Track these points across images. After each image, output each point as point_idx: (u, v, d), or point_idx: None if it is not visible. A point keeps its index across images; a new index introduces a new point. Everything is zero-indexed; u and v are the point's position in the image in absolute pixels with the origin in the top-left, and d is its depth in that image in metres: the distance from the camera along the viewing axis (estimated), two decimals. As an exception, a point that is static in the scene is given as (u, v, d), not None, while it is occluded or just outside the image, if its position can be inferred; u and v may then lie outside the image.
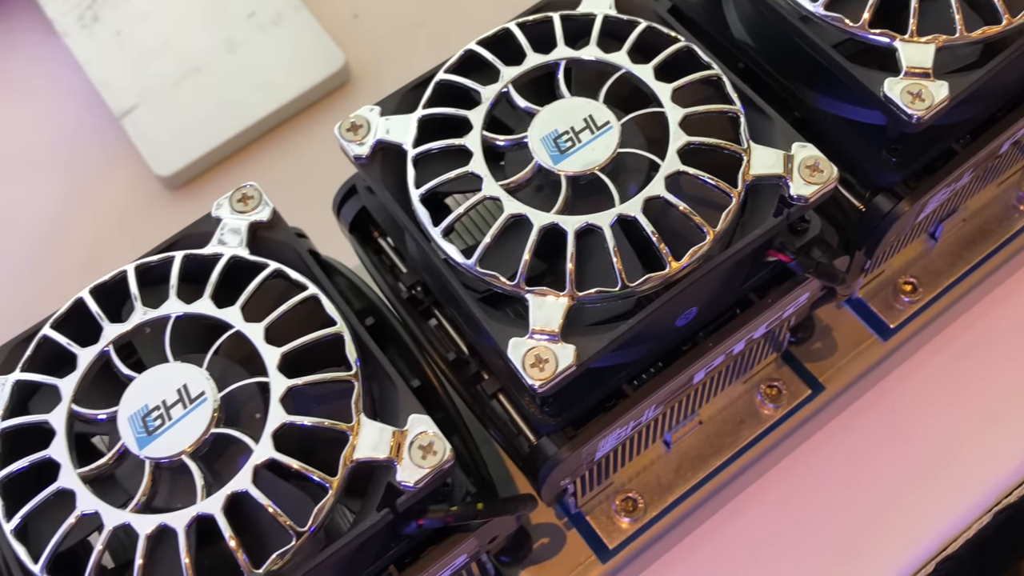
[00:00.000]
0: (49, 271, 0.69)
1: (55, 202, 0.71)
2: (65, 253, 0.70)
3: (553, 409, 0.43)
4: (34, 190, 0.72)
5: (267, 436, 0.38)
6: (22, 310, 0.60)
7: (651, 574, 0.54)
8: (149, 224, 0.70)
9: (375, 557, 0.41)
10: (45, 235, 0.70)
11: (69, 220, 0.71)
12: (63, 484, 0.38)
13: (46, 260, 0.69)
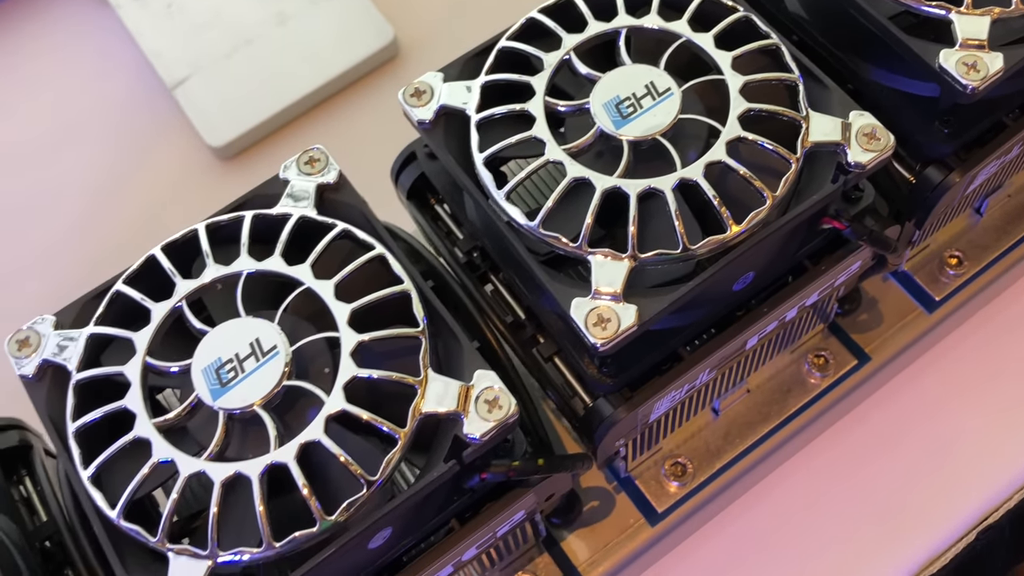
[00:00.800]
0: (101, 240, 0.70)
1: (108, 172, 0.72)
2: (118, 222, 0.71)
3: (611, 370, 0.44)
4: (87, 160, 0.73)
5: (338, 388, 0.40)
6: (76, 279, 0.62)
7: (699, 538, 0.55)
8: (201, 194, 0.71)
9: (438, 510, 0.43)
10: (98, 204, 0.71)
11: (121, 190, 0.72)
12: (139, 433, 0.39)
13: (99, 229, 0.70)
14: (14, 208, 0.71)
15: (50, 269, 0.68)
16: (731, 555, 0.54)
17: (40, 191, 0.72)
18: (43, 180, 0.72)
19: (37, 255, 0.69)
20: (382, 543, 0.41)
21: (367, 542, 0.40)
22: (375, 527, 0.39)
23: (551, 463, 0.43)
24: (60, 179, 0.72)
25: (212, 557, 0.38)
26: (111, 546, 0.39)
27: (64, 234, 0.70)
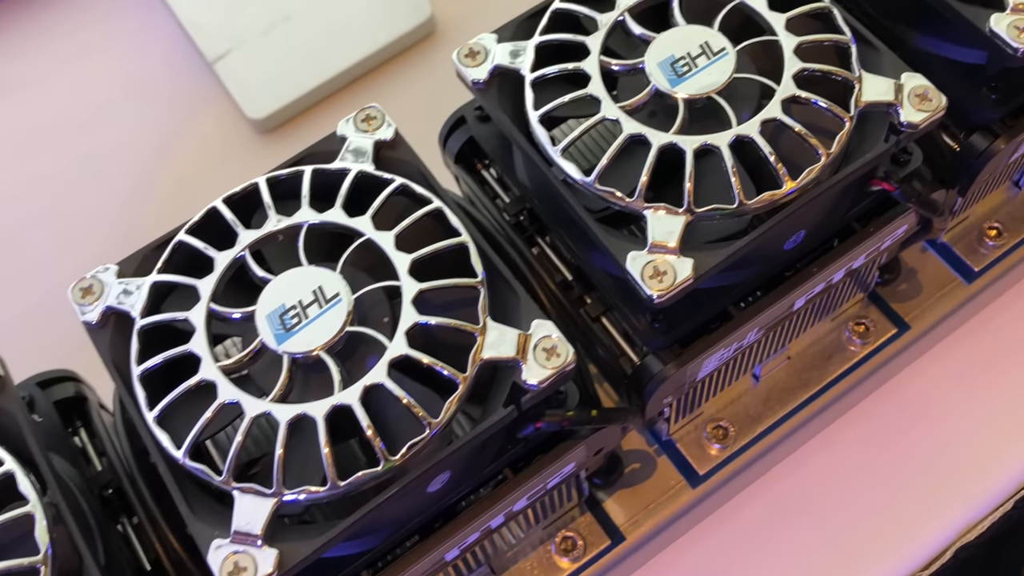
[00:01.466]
0: (141, 212, 0.71)
1: (147, 145, 0.73)
2: (157, 195, 0.72)
3: (663, 326, 0.45)
4: (126, 133, 0.74)
5: (400, 334, 0.40)
6: (116, 248, 0.63)
7: (739, 502, 0.55)
8: (240, 167, 0.72)
9: (493, 458, 0.43)
10: (137, 177, 0.72)
11: (161, 163, 0.73)
12: (205, 376, 0.40)
13: (138, 202, 0.71)
14: (54, 180, 0.72)
15: (89, 242, 0.69)
16: (771, 519, 0.55)
17: (79, 164, 0.72)
18: (82, 153, 0.73)
19: (76, 228, 0.69)
20: (439, 487, 0.42)
21: (426, 485, 0.41)
22: (436, 469, 0.40)
23: (604, 414, 0.44)
24: (99, 152, 0.73)
25: (277, 495, 0.38)
26: (176, 486, 0.40)
27: (103, 207, 0.71)
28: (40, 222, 0.69)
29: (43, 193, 0.70)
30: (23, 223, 0.69)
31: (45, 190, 0.71)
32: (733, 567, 0.54)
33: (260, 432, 0.44)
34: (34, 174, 0.71)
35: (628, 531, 0.53)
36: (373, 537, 0.42)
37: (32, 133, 0.74)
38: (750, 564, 0.54)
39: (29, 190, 0.71)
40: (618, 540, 0.53)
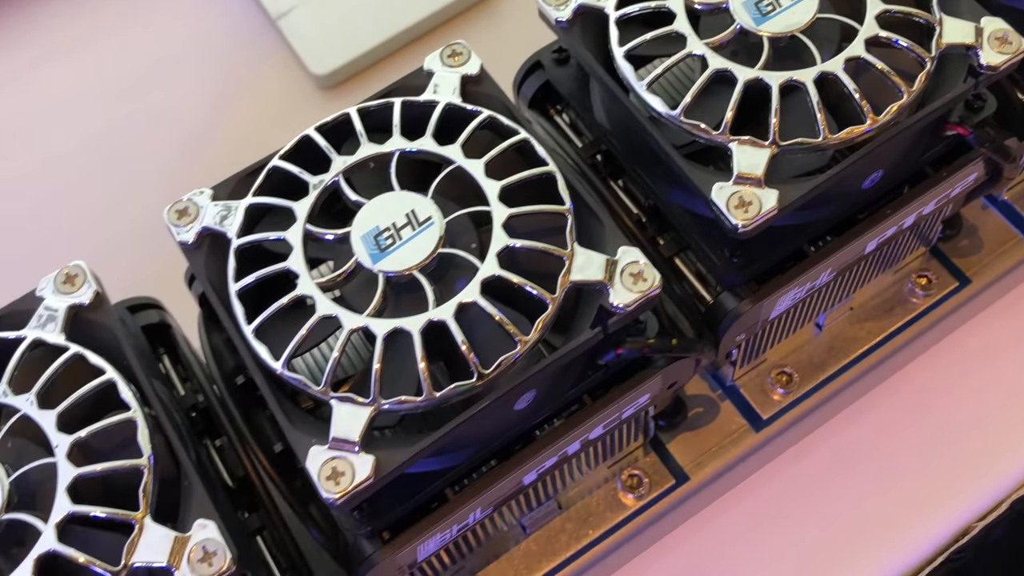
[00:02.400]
0: (204, 167, 0.72)
1: (210, 101, 0.74)
2: (220, 150, 0.73)
3: (741, 261, 0.46)
4: (189, 90, 0.75)
5: (492, 256, 0.41)
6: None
7: (801, 448, 0.56)
8: (304, 121, 0.73)
9: (574, 383, 0.44)
10: (200, 133, 0.73)
11: (224, 118, 0.74)
12: (303, 291, 0.41)
13: (201, 157, 0.72)
14: (118, 135, 0.73)
15: (151, 196, 0.70)
16: (833, 465, 0.56)
17: (143, 120, 0.73)
18: (146, 110, 0.74)
19: (145, 177, 0.70)
20: (525, 407, 0.43)
21: (514, 402, 0.42)
22: (524, 386, 0.41)
23: (683, 344, 0.45)
24: (163, 108, 0.74)
25: (374, 404, 0.39)
26: (273, 397, 0.41)
27: (167, 162, 0.72)
28: (108, 169, 0.70)
29: (110, 141, 0.72)
30: (93, 168, 0.71)
31: (113, 137, 0.72)
32: (796, 511, 0.55)
33: (354, 348, 0.45)
34: (99, 126, 0.73)
35: (692, 472, 0.54)
36: (457, 454, 0.43)
37: (99, 87, 0.75)
38: (813, 508, 0.55)
39: (98, 138, 0.72)
40: (682, 480, 0.54)
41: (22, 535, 0.39)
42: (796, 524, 0.55)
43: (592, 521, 0.53)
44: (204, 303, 0.50)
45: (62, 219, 0.68)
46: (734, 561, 0.54)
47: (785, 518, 0.55)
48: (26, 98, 0.74)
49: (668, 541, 0.55)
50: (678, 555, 0.55)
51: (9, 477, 0.39)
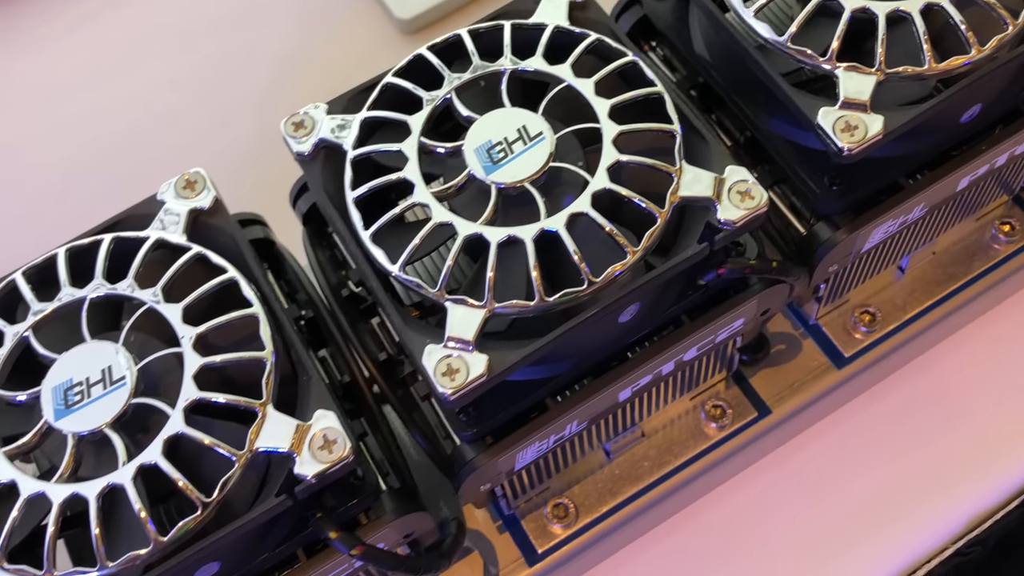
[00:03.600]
0: (285, 111, 0.73)
1: (292, 45, 0.76)
2: (301, 94, 0.74)
3: (841, 188, 0.47)
4: (271, 34, 0.76)
5: (602, 170, 0.43)
6: (259, 147, 0.65)
7: (882, 389, 0.57)
8: (385, 64, 0.74)
9: (675, 300, 0.45)
10: (283, 77, 0.74)
11: (306, 63, 0.75)
12: (419, 199, 0.43)
13: (282, 100, 0.73)
14: (213, 68, 0.74)
15: (232, 138, 0.72)
16: (911, 407, 0.57)
17: (225, 63, 0.75)
18: (228, 52, 0.75)
19: (228, 118, 0.72)
20: (628, 319, 0.44)
21: (619, 313, 0.43)
22: (629, 298, 0.42)
23: (783, 266, 0.46)
24: (245, 52, 0.75)
25: (488, 306, 0.41)
26: (389, 299, 0.42)
27: (249, 104, 0.73)
28: (205, 100, 0.72)
29: (206, 74, 0.73)
30: (192, 97, 0.72)
31: (209, 70, 0.73)
32: (877, 449, 0.56)
33: (457, 267, 0.46)
34: (197, 58, 0.74)
35: (774, 405, 0.55)
36: (560, 364, 0.44)
37: (199, 20, 0.76)
38: (893, 446, 0.56)
39: (195, 70, 0.73)
40: (764, 413, 0.55)
41: (146, 421, 0.40)
42: (875, 462, 0.56)
43: (675, 450, 0.54)
44: (308, 221, 0.51)
45: (158, 147, 0.70)
46: (815, 495, 0.55)
47: (864, 455, 0.56)
48: (135, 27, 0.75)
49: (748, 474, 0.56)
50: (758, 487, 0.56)
51: (136, 365, 0.40)
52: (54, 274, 0.43)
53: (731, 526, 0.55)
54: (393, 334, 0.48)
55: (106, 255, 0.43)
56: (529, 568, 0.52)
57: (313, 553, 0.43)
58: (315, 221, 0.51)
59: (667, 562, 0.55)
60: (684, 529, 0.55)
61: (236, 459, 0.39)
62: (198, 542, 0.38)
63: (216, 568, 0.40)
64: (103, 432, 0.39)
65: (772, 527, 0.55)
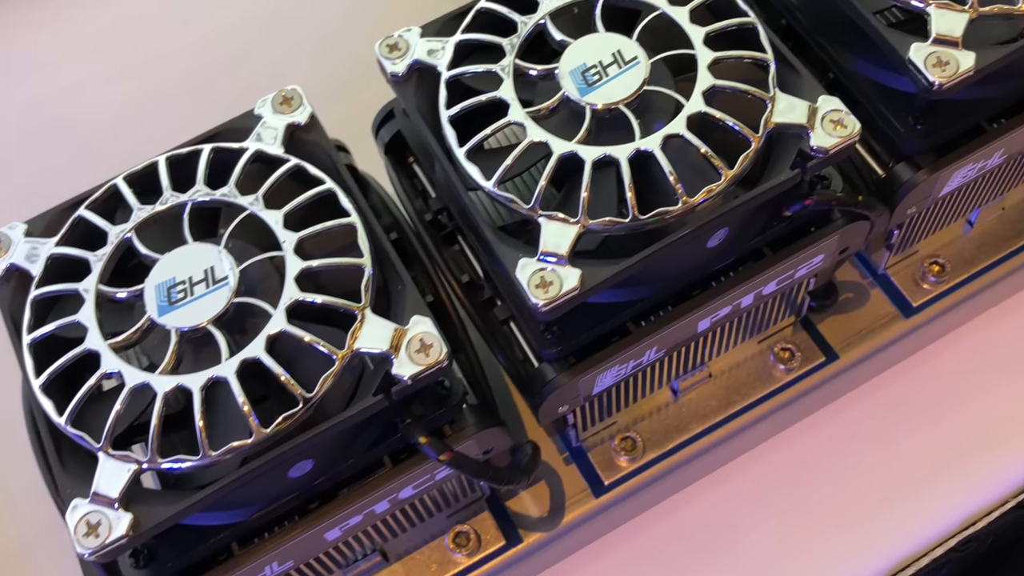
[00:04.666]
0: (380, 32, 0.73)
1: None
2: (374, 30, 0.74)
3: (926, 128, 0.47)
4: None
5: (697, 94, 0.43)
6: (336, 80, 0.65)
7: (951, 340, 0.58)
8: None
9: (759, 231, 0.46)
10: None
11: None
12: (514, 118, 0.44)
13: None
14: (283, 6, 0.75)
15: (315, 63, 0.72)
16: (980, 359, 0.57)
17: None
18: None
19: (304, 51, 0.72)
20: (715, 245, 0.45)
21: (707, 239, 0.44)
22: (721, 221, 0.43)
23: (868, 201, 0.46)
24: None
25: (582, 221, 0.42)
26: (478, 218, 0.43)
27: (330, 35, 0.73)
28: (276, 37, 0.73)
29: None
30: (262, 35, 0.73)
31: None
32: (943, 400, 0.56)
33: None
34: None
35: (841, 352, 0.55)
36: (645, 287, 0.45)
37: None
38: (960, 397, 0.56)
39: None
40: (832, 358, 0.55)
41: (245, 323, 0.41)
42: (942, 412, 0.56)
43: (742, 390, 0.55)
44: (389, 151, 0.52)
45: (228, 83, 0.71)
46: (882, 441, 0.56)
47: (929, 406, 0.56)
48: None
49: (812, 420, 0.57)
50: (822, 434, 0.56)
51: (238, 267, 0.41)
52: (154, 181, 0.44)
53: (793, 471, 0.56)
54: (473, 261, 0.48)
55: (207, 163, 0.44)
56: (595, 499, 0.53)
57: (398, 461, 0.44)
58: (396, 150, 0.52)
59: (732, 504, 0.55)
60: (748, 471, 0.56)
61: (336, 357, 0.40)
62: (296, 437, 0.39)
63: (310, 466, 0.41)
64: (205, 329, 0.40)
65: (835, 474, 0.56)
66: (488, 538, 0.52)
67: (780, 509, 0.55)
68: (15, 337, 0.42)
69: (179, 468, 0.39)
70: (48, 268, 0.42)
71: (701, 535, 0.55)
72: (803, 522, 0.55)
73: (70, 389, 0.40)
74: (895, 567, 0.54)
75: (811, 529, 0.55)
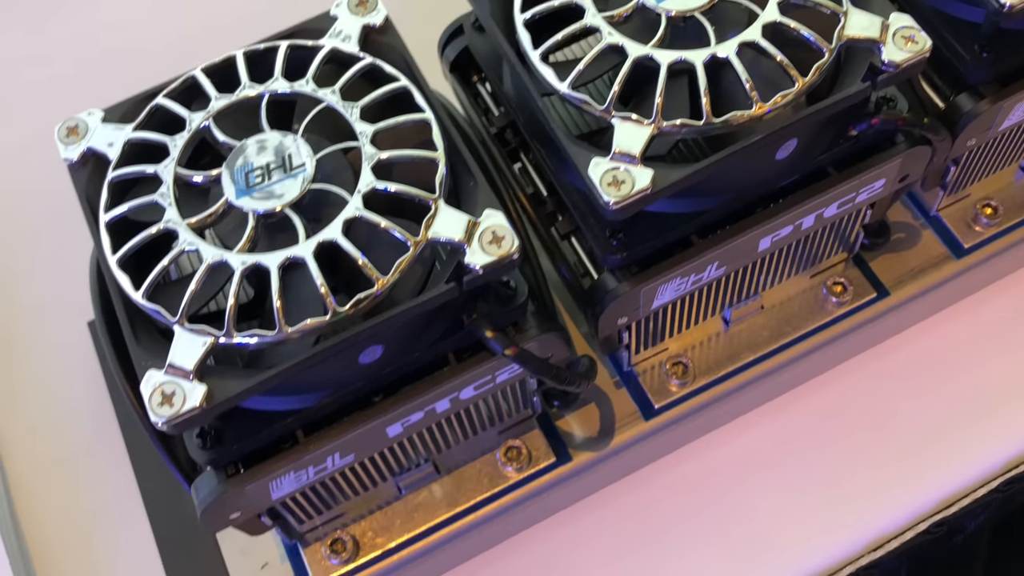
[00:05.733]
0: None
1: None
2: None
3: (991, 56, 0.48)
4: None
5: (772, 4, 0.44)
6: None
7: (1005, 284, 0.58)
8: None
9: (825, 149, 0.46)
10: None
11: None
12: (590, 22, 0.44)
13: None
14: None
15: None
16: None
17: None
18: None
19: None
20: (784, 156, 0.45)
21: (776, 149, 0.44)
22: (791, 130, 0.43)
23: (933, 123, 0.47)
24: None
25: (656, 122, 0.42)
26: (552, 123, 0.44)
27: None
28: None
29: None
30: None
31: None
32: (994, 344, 0.57)
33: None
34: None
35: (893, 288, 0.56)
36: (711, 198, 0.45)
37: None
38: (1012, 344, 0.57)
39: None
40: (883, 294, 0.56)
41: (320, 212, 0.42)
42: (992, 353, 0.57)
43: (793, 322, 0.55)
44: (454, 68, 0.53)
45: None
46: (930, 382, 0.56)
47: (982, 346, 0.57)
48: None
49: (863, 359, 0.57)
50: (873, 371, 0.57)
51: (315, 155, 0.42)
52: (232, 74, 0.45)
53: (842, 408, 0.56)
54: (536, 179, 0.49)
55: (284, 58, 0.44)
56: (645, 422, 0.53)
57: (463, 359, 0.44)
58: (461, 68, 0.53)
59: (780, 438, 0.56)
60: (797, 405, 0.56)
61: (411, 244, 0.40)
62: (370, 319, 0.40)
63: (379, 352, 0.42)
64: (283, 213, 0.41)
65: (881, 412, 0.56)
66: (538, 455, 0.53)
67: (824, 444, 0.56)
68: (91, 219, 0.43)
69: (254, 344, 0.39)
70: (125, 152, 0.43)
71: (748, 467, 0.55)
72: (847, 458, 0.55)
73: (144, 270, 0.41)
74: (939, 505, 0.55)
75: (856, 465, 0.55)
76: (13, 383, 0.59)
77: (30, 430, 0.58)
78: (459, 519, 0.52)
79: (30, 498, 0.57)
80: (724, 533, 0.54)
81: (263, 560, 0.51)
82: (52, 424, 0.58)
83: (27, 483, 0.58)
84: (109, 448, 0.57)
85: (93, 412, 0.58)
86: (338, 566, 0.50)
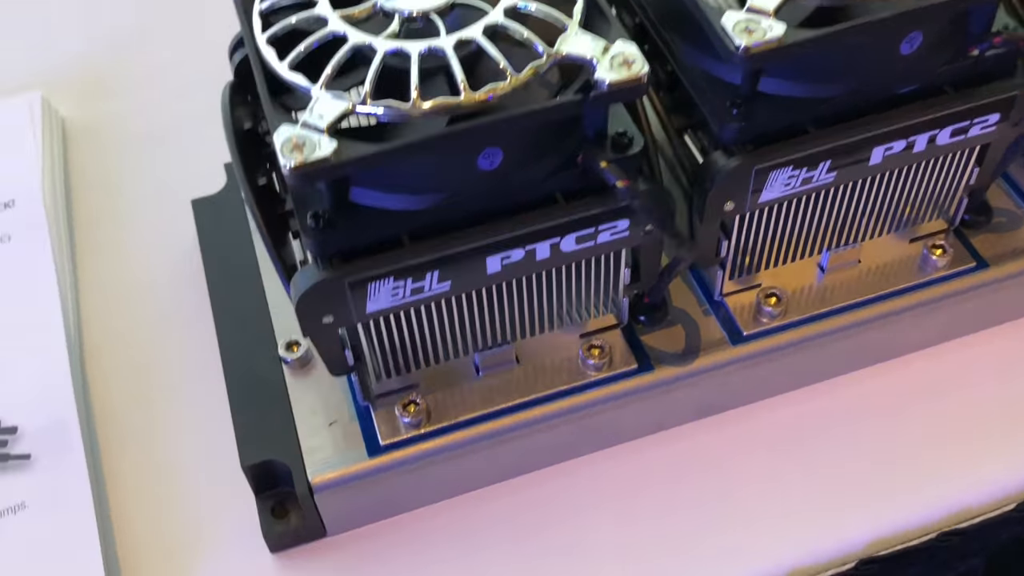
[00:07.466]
0: None
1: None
2: None
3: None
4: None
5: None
6: None
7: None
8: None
9: (944, 64, 0.48)
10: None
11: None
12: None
13: None
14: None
15: None
16: None
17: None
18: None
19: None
20: (908, 52, 0.46)
21: (903, 38, 0.46)
22: (916, 16, 0.44)
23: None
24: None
25: (792, -14, 0.44)
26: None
27: None
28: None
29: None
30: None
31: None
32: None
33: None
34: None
35: (992, 263, 0.56)
36: (831, 86, 0.46)
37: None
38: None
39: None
40: (982, 265, 0.55)
41: (461, 23, 0.43)
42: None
43: (889, 279, 0.55)
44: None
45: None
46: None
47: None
48: None
49: (961, 342, 0.57)
50: (972, 354, 0.57)
51: (454, -22, 0.44)
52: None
53: (930, 384, 0.56)
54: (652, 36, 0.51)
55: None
56: (733, 347, 0.53)
57: (571, 200, 0.45)
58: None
59: (864, 403, 0.55)
60: (886, 375, 0.56)
61: (545, 55, 0.42)
62: (497, 112, 0.41)
63: (499, 157, 0.43)
64: (427, 16, 0.43)
65: (969, 393, 0.55)
66: (619, 359, 0.52)
67: (910, 414, 0.55)
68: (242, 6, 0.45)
69: (388, 115, 0.40)
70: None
71: (839, 422, 0.55)
72: (934, 430, 0.54)
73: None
74: None
75: (944, 437, 0.54)
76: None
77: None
78: (534, 406, 0.51)
79: (101, 353, 0.58)
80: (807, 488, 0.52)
81: (332, 419, 0.51)
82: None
83: (100, 345, 0.59)
84: (193, 308, 0.58)
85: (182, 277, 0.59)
86: (409, 427, 0.50)
